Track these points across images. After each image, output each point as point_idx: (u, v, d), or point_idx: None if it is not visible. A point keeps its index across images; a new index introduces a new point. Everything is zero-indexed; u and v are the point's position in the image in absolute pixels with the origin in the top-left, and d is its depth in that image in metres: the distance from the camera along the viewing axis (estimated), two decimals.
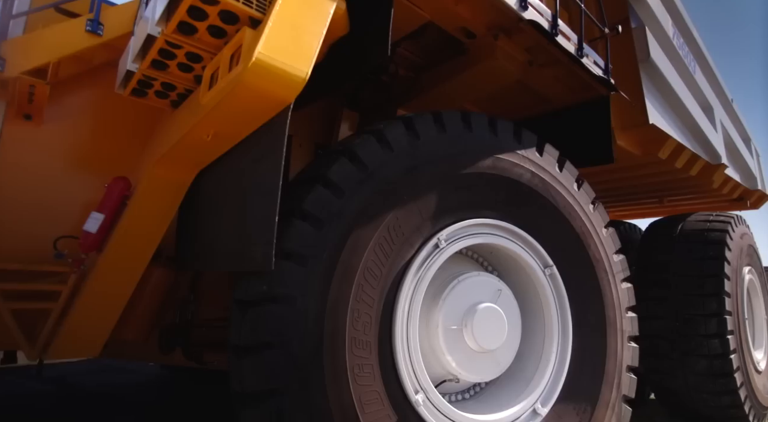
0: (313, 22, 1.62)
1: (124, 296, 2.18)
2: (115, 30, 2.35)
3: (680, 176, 5.32)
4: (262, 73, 1.48)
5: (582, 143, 3.71)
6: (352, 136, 2.40)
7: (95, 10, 2.27)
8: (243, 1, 1.54)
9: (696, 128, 4.96)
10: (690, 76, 5.02)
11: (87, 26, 2.23)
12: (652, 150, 4.43)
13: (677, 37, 4.79)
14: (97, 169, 2.41)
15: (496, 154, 2.57)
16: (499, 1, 2.56)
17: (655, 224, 5.69)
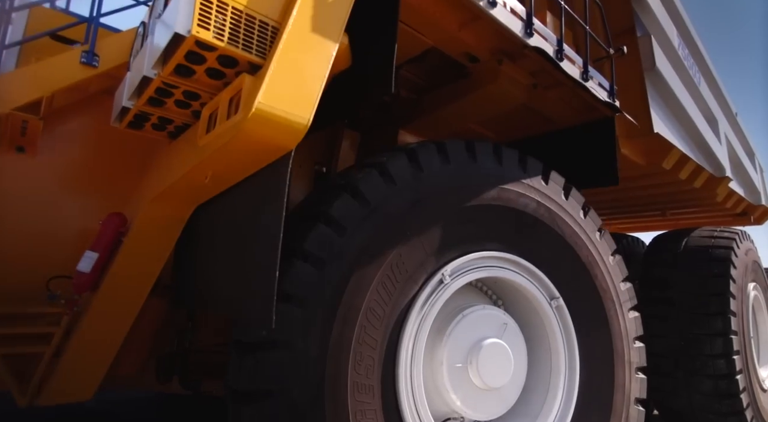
0: (315, 66, 1.56)
1: (119, 337, 2.12)
2: (112, 60, 2.29)
3: (684, 188, 5.27)
4: (263, 123, 1.43)
5: (587, 164, 3.66)
6: (354, 168, 2.34)
7: (90, 41, 2.21)
8: (242, 46, 1.48)
9: (700, 140, 4.92)
10: (695, 87, 4.99)
11: (82, 58, 2.17)
12: (657, 160, 4.39)
13: (682, 48, 4.76)
14: (92, 203, 2.35)
15: (501, 184, 2.52)
16: (503, 29, 2.51)
17: (658, 239, 5.63)
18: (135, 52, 2.18)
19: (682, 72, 4.60)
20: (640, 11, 3.98)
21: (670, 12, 4.44)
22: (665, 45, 4.23)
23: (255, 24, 1.52)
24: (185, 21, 1.38)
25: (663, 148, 4.26)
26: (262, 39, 1.54)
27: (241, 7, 1.49)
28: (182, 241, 2.22)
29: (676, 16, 4.61)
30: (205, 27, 1.40)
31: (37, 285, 2.12)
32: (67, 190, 2.33)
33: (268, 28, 1.56)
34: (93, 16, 2.55)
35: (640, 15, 3.99)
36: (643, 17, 4.01)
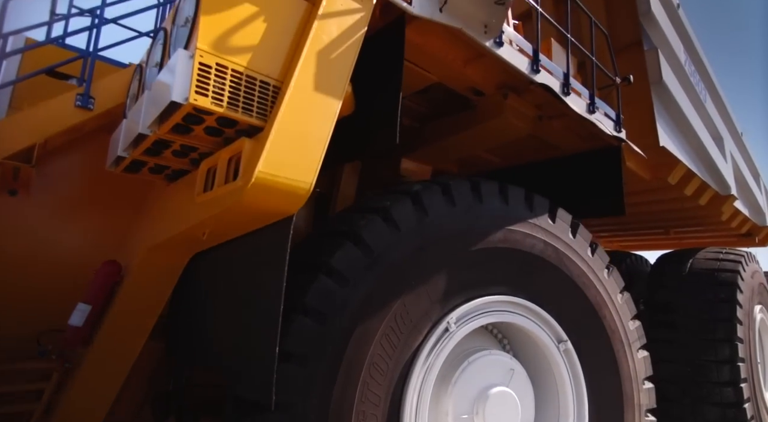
0: (317, 126, 1.50)
1: (113, 391, 2.04)
2: (108, 101, 2.23)
3: (689, 205, 5.22)
4: (263, 191, 1.36)
5: (593, 191, 3.61)
6: (356, 211, 2.27)
7: (86, 84, 2.15)
8: (242, 109, 1.42)
9: (706, 156, 4.88)
10: (701, 104, 4.96)
11: (77, 101, 2.11)
12: (662, 174, 4.34)
13: (689, 64, 4.75)
14: (85, 249, 2.27)
15: (507, 225, 2.45)
16: (510, 66, 2.45)
17: (663, 259, 5.56)
18: (131, 96, 2.12)
19: (688, 87, 4.58)
20: (647, 25, 3.96)
21: (677, 28, 4.43)
22: (672, 60, 4.21)
23: (256, 85, 1.46)
24: (182, 88, 1.31)
25: (668, 162, 4.21)
26: (263, 100, 1.47)
27: (241, 69, 1.43)
28: (178, 287, 2.15)
29: (682, 32, 4.59)
30: (203, 93, 1.34)
31: (27, 340, 2.04)
32: (59, 235, 2.25)
33: (270, 88, 1.50)
34: (90, 51, 2.50)
35: (647, 29, 3.97)
36: (651, 31, 3.99)
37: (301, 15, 1.59)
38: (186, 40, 1.42)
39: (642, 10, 3.96)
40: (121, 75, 2.32)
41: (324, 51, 1.55)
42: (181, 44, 1.47)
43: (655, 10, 3.97)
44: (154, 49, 1.84)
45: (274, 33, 1.51)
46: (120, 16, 2.47)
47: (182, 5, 1.52)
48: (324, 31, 1.57)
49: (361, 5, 1.70)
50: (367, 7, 1.72)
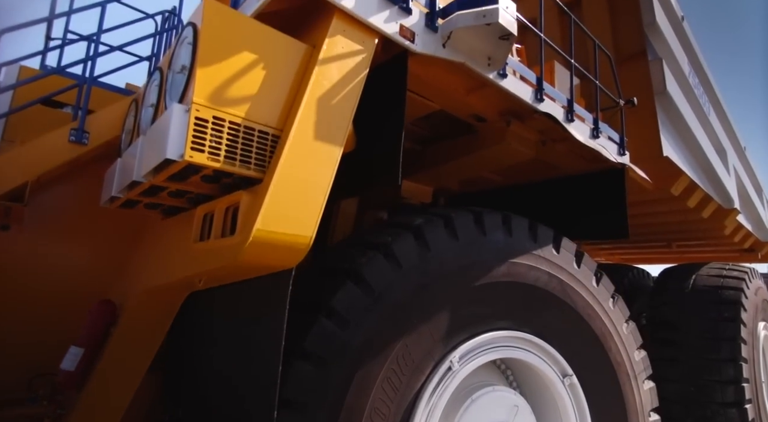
0: (318, 176, 1.45)
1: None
2: (102, 135, 2.18)
3: (691, 217, 5.19)
4: (261, 248, 1.31)
5: (596, 213, 3.57)
6: (357, 247, 2.21)
7: (80, 119, 2.10)
8: (240, 162, 1.37)
9: (709, 168, 4.86)
10: (704, 116, 4.95)
11: (71, 137, 2.06)
12: (665, 185, 4.31)
13: (693, 77, 4.75)
14: (77, 286, 2.20)
15: (511, 258, 2.40)
16: (513, 95, 2.40)
17: (666, 274, 5.51)
18: (126, 131, 2.07)
19: (692, 99, 4.57)
20: (652, 36, 3.96)
21: (681, 40, 4.43)
22: (676, 71, 4.21)
23: (254, 135, 1.41)
24: (178, 144, 1.27)
25: (672, 173, 4.17)
26: (262, 150, 1.42)
27: (239, 120, 1.38)
28: (175, 323, 2.10)
29: (687, 44, 4.60)
30: (199, 149, 1.29)
31: (17, 384, 1.99)
32: (51, 272, 2.19)
33: (268, 137, 1.45)
34: (85, 78, 2.45)
35: (651, 40, 3.96)
36: (655, 42, 3.99)
37: (301, 58, 1.55)
38: (182, 92, 1.37)
39: (647, 21, 3.95)
40: (116, 108, 2.27)
41: (325, 97, 1.51)
42: (177, 92, 1.42)
43: (659, 21, 3.97)
44: (149, 88, 1.79)
45: (273, 80, 1.46)
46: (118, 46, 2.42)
47: (178, 50, 1.48)
48: (325, 76, 1.52)
49: (363, 46, 1.65)
50: (369, 48, 1.68)
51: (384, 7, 1.72)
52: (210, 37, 1.33)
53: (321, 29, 1.60)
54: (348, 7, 1.59)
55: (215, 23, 1.35)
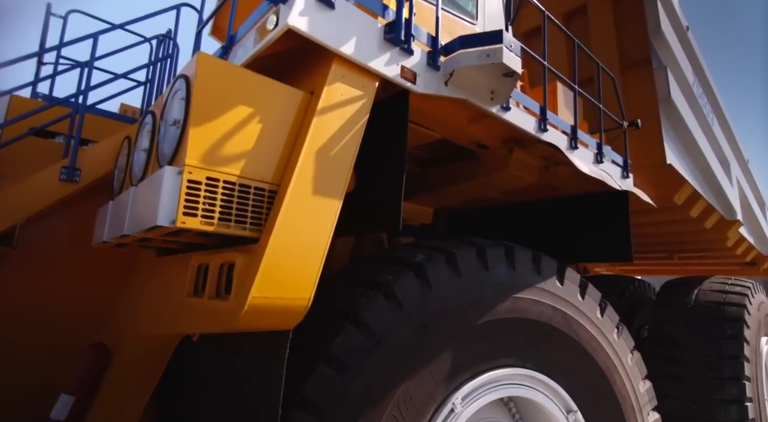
0: (316, 234, 1.39)
1: None
2: (94, 171, 2.11)
3: (694, 228, 5.16)
4: (257, 313, 1.26)
5: (599, 235, 3.52)
6: (356, 288, 2.15)
7: (71, 155, 2.03)
8: (234, 223, 1.31)
9: (713, 179, 4.85)
10: (708, 126, 4.94)
11: (62, 175, 2.00)
12: (668, 193, 4.29)
13: (697, 86, 4.74)
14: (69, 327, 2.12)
15: (514, 293, 2.35)
16: (515, 126, 2.35)
17: (668, 289, 5.46)
18: (119, 168, 2.00)
19: (696, 108, 4.56)
20: (657, 44, 3.95)
21: (686, 49, 4.42)
22: (680, 79, 4.19)
23: (249, 193, 1.35)
24: (169, 210, 1.21)
25: (675, 181, 4.16)
26: (258, 208, 1.37)
27: (234, 179, 1.32)
28: (166, 375, 2.03)
29: (691, 54, 4.59)
30: (191, 214, 1.23)
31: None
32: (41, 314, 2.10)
33: (265, 194, 1.39)
34: (77, 107, 2.38)
35: (656, 48, 3.95)
36: (660, 50, 3.98)
37: (298, 107, 1.49)
38: (174, 148, 1.31)
39: (652, 29, 3.94)
40: (107, 143, 2.20)
41: (323, 148, 1.45)
42: (170, 145, 1.36)
43: (665, 29, 3.96)
44: (142, 131, 1.73)
45: (269, 132, 1.40)
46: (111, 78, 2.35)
47: (171, 103, 1.42)
48: (323, 126, 1.46)
49: (363, 91, 1.60)
50: (369, 93, 1.62)
51: (385, 49, 1.66)
52: (203, 94, 1.28)
53: (319, 75, 1.54)
54: (348, 53, 1.53)
55: (208, 79, 1.29)
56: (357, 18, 1.59)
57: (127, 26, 2.75)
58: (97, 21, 2.78)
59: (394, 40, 1.66)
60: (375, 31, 1.64)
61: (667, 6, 4.13)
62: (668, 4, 4.16)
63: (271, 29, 1.45)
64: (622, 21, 4.21)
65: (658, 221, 5.04)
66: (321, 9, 1.47)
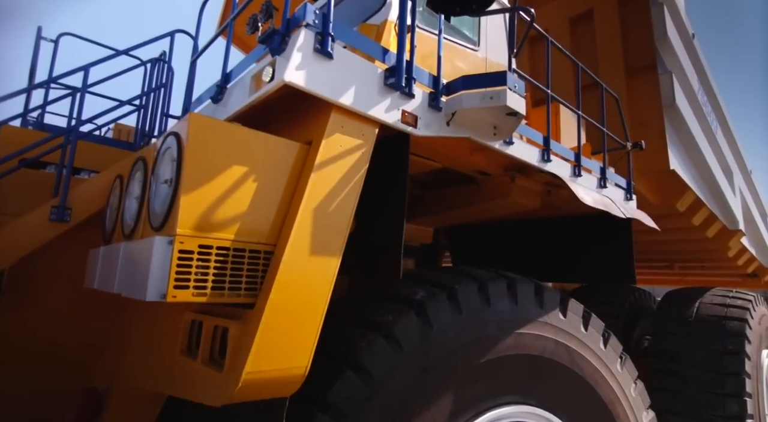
0: (314, 296, 1.34)
1: None
2: (85, 210, 2.05)
3: (696, 236, 5.13)
4: (252, 386, 1.20)
5: (602, 254, 3.48)
6: (355, 329, 2.10)
7: (61, 193, 1.97)
8: (228, 290, 1.25)
9: (715, 187, 4.82)
10: (712, 134, 4.91)
11: (51, 215, 1.94)
12: (670, 200, 4.27)
13: (702, 94, 4.71)
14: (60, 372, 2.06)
15: (517, 328, 2.30)
16: (516, 158, 2.29)
17: (669, 301, 5.43)
18: (111, 207, 1.94)
19: (700, 115, 4.53)
20: (662, 50, 3.93)
21: (691, 56, 4.39)
22: (685, 86, 4.17)
23: (244, 257, 1.30)
24: (159, 284, 1.15)
25: (677, 188, 4.14)
26: (253, 271, 1.31)
27: (228, 243, 1.27)
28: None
29: (696, 62, 4.56)
30: (183, 286, 1.18)
31: None
32: (32, 360, 2.04)
33: (260, 255, 1.33)
34: (68, 133, 2.32)
35: (662, 53, 3.93)
36: (665, 56, 3.96)
37: (294, 160, 1.42)
38: (165, 213, 1.25)
39: (658, 35, 3.92)
40: (98, 180, 2.12)
41: (321, 204, 1.39)
42: (161, 204, 1.30)
43: (671, 35, 3.93)
44: (133, 177, 1.67)
45: (265, 191, 1.35)
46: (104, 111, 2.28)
47: (162, 159, 1.35)
48: (321, 180, 1.40)
49: (363, 140, 1.54)
50: (369, 140, 1.56)
51: (385, 95, 1.60)
52: (195, 159, 1.21)
53: (318, 124, 1.48)
54: (347, 104, 1.47)
55: (201, 141, 1.23)
56: (356, 65, 1.53)
57: (121, 50, 2.68)
58: (90, 43, 2.71)
59: (394, 86, 1.60)
60: (375, 77, 1.58)
61: (673, 12, 4.09)
62: (675, 11, 4.13)
63: (267, 81, 1.39)
64: (629, 26, 4.19)
65: (661, 228, 5.01)
66: (319, 60, 1.41)
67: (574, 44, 4.50)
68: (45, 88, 2.56)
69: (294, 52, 1.33)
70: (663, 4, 3.95)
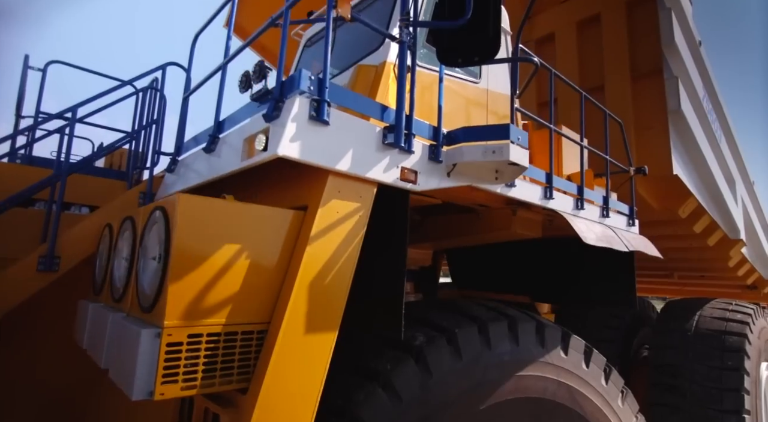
0: (309, 377, 1.28)
1: None
2: (74, 257, 1.99)
3: (697, 244, 5.10)
4: None
5: (603, 278, 3.44)
6: (353, 378, 2.05)
7: (49, 242, 1.91)
8: (220, 378, 1.19)
9: (718, 195, 4.79)
10: (716, 142, 4.88)
11: (39, 265, 1.88)
12: (672, 206, 4.24)
13: (707, 102, 4.66)
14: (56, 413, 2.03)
15: (518, 371, 2.26)
16: (520, 199, 2.23)
17: (669, 313, 5.40)
18: (101, 255, 1.88)
19: (704, 123, 4.50)
20: (669, 55, 3.90)
21: (697, 64, 4.34)
22: (691, 92, 4.13)
23: (236, 340, 1.24)
24: (146, 381, 1.09)
25: (680, 193, 4.11)
26: (246, 354, 1.25)
27: (219, 329, 1.21)
28: None
29: (703, 70, 4.51)
30: (171, 381, 1.12)
31: None
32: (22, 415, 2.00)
33: (253, 336, 1.28)
34: (58, 175, 2.25)
35: (669, 59, 3.90)
36: (672, 62, 3.93)
37: (289, 230, 1.36)
38: (153, 297, 1.19)
39: (665, 41, 3.89)
40: (89, 226, 2.06)
41: (317, 277, 1.33)
42: (149, 285, 1.24)
43: (678, 41, 3.90)
44: (122, 235, 1.60)
45: (258, 267, 1.28)
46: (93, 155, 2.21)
47: (149, 232, 1.29)
48: (317, 251, 1.34)
49: (360, 202, 1.47)
50: (367, 202, 1.50)
51: (384, 153, 1.54)
52: (183, 245, 1.15)
53: (313, 189, 1.42)
54: (344, 169, 1.40)
55: (189, 223, 1.16)
56: (353, 127, 1.46)
57: (110, 76, 2.59)
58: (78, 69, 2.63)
59: (393, 144, 1.54)
60: (373, 137, 1.51)
61: (681, 18, 4.05)
62: (682, 17, 4.08)
63: (260, 150, 1.32)
64: (636, 31, 4.14)
65: (661, 235, 4.97)
66: (314, 127, 1.34)
67: (580, 47, 4.46)
68: (33, 121, 2.48)
69: (288, 123, 1.26)
70: (671, 9, 3.90)
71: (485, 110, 2.71)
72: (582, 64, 4.44)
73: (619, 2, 4.17)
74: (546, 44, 4.80)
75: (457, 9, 1.48)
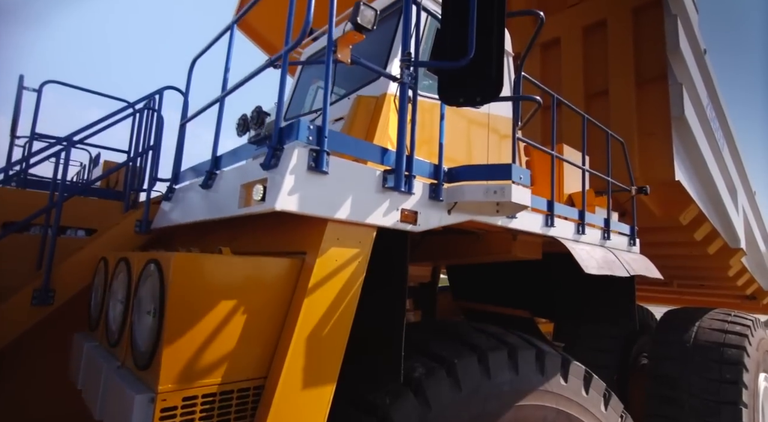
0: None
1: None
2: (69, 289, 1.96)
3: (697, 252, 5.09)
4: None
5: (603, 296, 3.43)
6: (352, 410, 2.04)
7: (44, 275, 1.88)
8: None
9: (719, 204, 4.79)
10: (718, 150, 4.87)
11: (34, 300, 1.85)
12: (673, 212, 4.24)
13: (710, 110, 4.65)
14: None
15: (517, 401, 2.24)
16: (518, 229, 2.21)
17: (668, 322, 5.40)
18: (96, 289, 1.85)
19: (707, 130, 4.49)
20: (674, 62, 3.90)
21: (702, 72, 4.33)
22: (694, 99, 4.13)
23: (232, 398, 1.22)
24: None
25: (681, 200, 4.11)
26: (242, 411, 1.23)
27: (215, 389, 1.19)
28: None
29: (707, 78, 4.51)
30: None
31: None
32: None
33: (250, 393, 1.26)
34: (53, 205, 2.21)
35: (673, 66, 3.90)
36: (677, 68, 3.93)
37: (286, 280, 1.33)
38: (148, 356, 1.16)
39: (670, 47, 3.89)
40: (84, 258, 2.03)
41: (315, 330, 1.31)
42: (143, 341, 1.22)
43: (683, 48, 3.90)
44: (116, 276, 1.58)
45: (254, 322, 1.26)
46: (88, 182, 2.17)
47: (144, 285, 1.26)
48: (315, 302, 1.32)
49: (360, 248, 1.45)
50: (365, 247, 1.47)
51: (384, 196, 1.51)
52: (177, 305, 1.13)
53: (312, 236, 1.39)
54: (343, 217, 1.38)
55: (184, 283, 1.14)
56: (352, 174, 1.43)
57: (107, 94, 2.55)
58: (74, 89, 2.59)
59: (394, 187, 1.51)
60: (372, 182, 1.48)
61: (686, 25, 4.03)
62: (688, 24, 4.07)
63: (257, 200, 1.29)
64: (641, 37, 4.14)
65: (662, 242, 4.97)
66: (313, 177, 1.31)
67: (586, 52, 4.44)
68: (28, 143, 2.44)
69: (287, 174, 1.23)
70: (677, 16, 3.87)
71: (486, 129, 2.68)
72: (587, 68, 4.42)
73: (626, 8, 4.16)
74: (551, 48, 4.78)
75: (459, 49, 1.45)
